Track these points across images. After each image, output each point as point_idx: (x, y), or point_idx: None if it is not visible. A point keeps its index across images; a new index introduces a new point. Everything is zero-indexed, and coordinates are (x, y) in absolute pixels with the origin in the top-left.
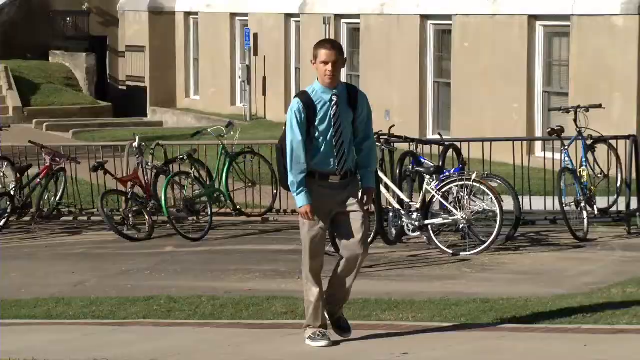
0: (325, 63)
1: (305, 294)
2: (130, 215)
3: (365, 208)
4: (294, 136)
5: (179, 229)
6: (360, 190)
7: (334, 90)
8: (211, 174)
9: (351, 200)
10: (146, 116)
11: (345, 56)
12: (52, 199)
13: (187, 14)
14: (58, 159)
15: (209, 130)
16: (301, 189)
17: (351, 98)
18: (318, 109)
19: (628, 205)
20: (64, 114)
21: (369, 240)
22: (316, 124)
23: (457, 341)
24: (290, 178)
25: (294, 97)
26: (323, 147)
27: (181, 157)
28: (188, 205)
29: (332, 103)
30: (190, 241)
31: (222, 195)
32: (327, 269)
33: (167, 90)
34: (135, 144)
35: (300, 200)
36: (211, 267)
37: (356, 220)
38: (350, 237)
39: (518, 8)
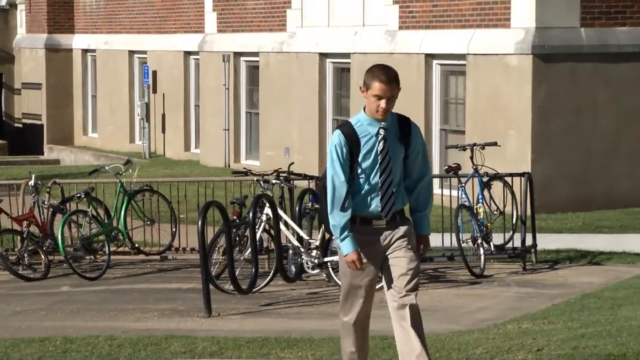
0: (379, 98)
1: (341, 344)
2: (25, 255)
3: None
4: (335, 173)
5: (75, 268)
6: (411, 230)
7: (382, 123)
8: (109, 212)
9: (397, 243)
10: (43, 154)
11: (400, 86)
12: None
13: (85, 51)
14: None
15: (106, 168)
16: (345, 233)
17: (402, 131)
18: (362, 143)
19: (523, 241)
20: None
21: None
22: (360, 160)
23: None
24: (332, 221)
25: (336, 129)
26: (366, 187)
27: (78, 195)
28: (85, 244)
29: (380, 137)
30: (88, 280)
31: (120, 234)
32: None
33: (65, 127)
34: (31, 182)
35: (345, 247)
36: (109, 306)
37: (399, 266)
38: (394, 288)
39: (415, 47)
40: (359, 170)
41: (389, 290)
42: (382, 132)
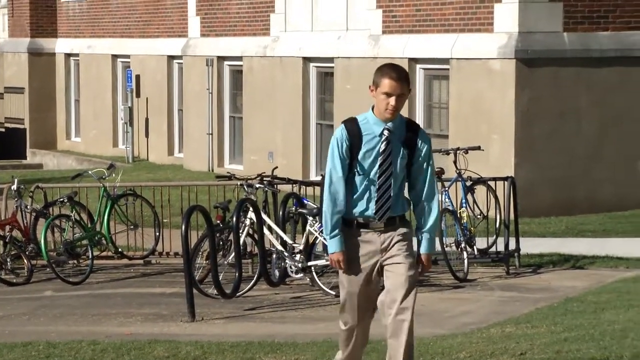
0: (388, 95)
1: (340, 345)
2: (8, 260)
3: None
4: (333, 168)
5: (58, 273)
6: (411, 235)
7: (388, 124)
8: (92, 216)
9: (396, 248)
10: (25, 158)
11: (410, 87)
12: None
13: (68, 55)
14: None
15: (90, 172)
16: (335, 232)
17: (409, 136)
18: (364, 141)
19: (507, 245)
20: None
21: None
22: (359, 158)
23: None
24: (324, 216)
25: (341, 123)
26: (364, 188)
27: (61, 199)
28: (68, 248)
29: (383, 138)
30: (71, 285)
31: (103, 238)
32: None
33: (48, 132)
34: (14, 187)
35: (332, 246)
36: (92, 311)
37: (398, 274)
38: (389, 296)
39: (398, 51)
40: (358, 169)
41: (384, 297)
42: (386, 132)
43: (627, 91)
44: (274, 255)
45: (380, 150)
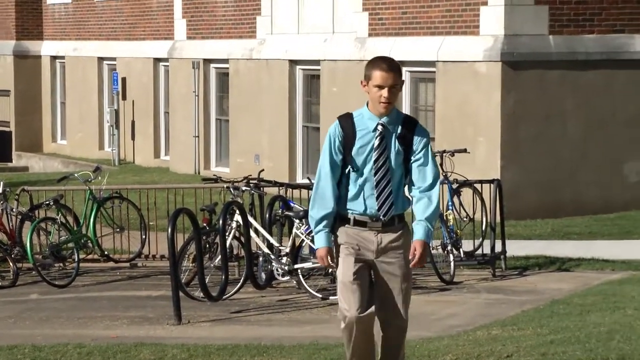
0: (380, 87)
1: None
2: None
3: (412, 264)
4: (323, 164)
5: (44, 276)
6: (409, 240)
7: (383, 119)
8: (78, 219)
9: (392, 255)
10: (11, 161)
11: (403, 79)
12: None
13: (54, 58)
14: None
15: (76, 175)
16: (320, 227)
17: (406, 131)
18: (358, 137)
19: (493, 248)
20: None
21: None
22: (353, 154)
23: None
24: (310, 211)
25: (337, 118)
26: (359, 185)
27: (47, 202)
28: (54, 251)
29: (377, 133)
30: (57, 288)
31: (89, 241)
32: None
33: (33, 134)
34: None
35: (318, 241)
36: (78, 314)
37: (392, 285)
38: (385, 305)
39: (385, 54)
40: (353, 165)
41: (377, 306)
42: (380, 127)
43: (613, 94)
44: (261, 258)
45: (374, 146)
